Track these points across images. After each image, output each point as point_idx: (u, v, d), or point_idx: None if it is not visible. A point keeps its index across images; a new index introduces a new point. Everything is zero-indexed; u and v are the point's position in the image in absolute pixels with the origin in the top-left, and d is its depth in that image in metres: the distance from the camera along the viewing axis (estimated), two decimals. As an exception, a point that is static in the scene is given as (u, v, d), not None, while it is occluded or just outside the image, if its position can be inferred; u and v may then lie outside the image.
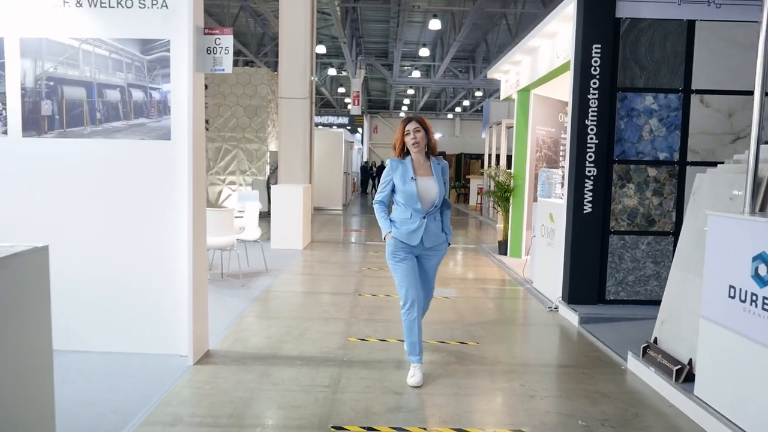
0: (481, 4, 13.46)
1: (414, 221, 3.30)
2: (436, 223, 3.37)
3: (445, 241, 3.45)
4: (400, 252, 3.33)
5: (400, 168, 3.33)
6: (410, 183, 3.28)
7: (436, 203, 3.32)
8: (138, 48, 3.45)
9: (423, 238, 3.30)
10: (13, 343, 1.87)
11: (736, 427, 2.63)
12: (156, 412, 2.84)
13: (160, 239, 3.50)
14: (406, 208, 3.32)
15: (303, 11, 10.19)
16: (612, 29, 4.67)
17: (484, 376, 3.47)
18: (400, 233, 3.32)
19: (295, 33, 10.22)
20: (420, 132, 3.32)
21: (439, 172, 3.36)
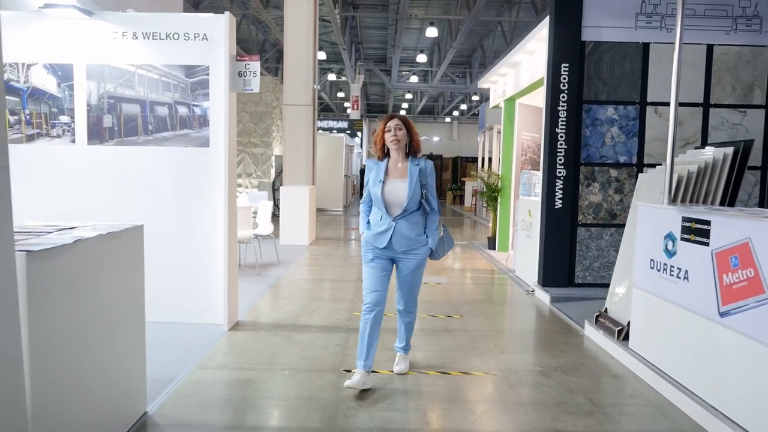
0: (476, 13, 14.28)
1: (383, 224, 3.28)
2: (412, 226, 3.29)
3: (425, 244, 3.35)
4: (369, 253, 3.35)
5: (375, 169, 3.34)
6: (377, 186, 3.27)
7: (407, 207, 3.25)
8: (183, 72, 4.31)
9: (393, 241, 3.26)
10: (126, 293, 2.70)
11: (657, 368, 3.47)
12: (205, 362, 3.68)
13: (201, 229, 4.34)
14: (377, 209, 3.34)
15: (306, 24, 11.04)
16: (578, 51, 5.54)
17: (465, 339, 4.32)
18: (369, 235, 3.34)
19: (298, 44, 11.06)
20: (401, 130, 3.28)
21: (416, 174, 3.26)
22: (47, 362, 2.05)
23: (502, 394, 3.30)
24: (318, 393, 3.24)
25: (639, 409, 3.14)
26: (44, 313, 2.02)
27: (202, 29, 4.25)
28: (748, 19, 5.55)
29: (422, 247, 3.35)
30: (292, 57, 11.15)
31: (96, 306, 2.42)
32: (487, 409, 3.10)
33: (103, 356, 2.50)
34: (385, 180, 3.29)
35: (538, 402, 3.21)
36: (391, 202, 3.27)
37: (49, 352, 2.06)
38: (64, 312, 2.16)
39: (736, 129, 5.64)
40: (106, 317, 2.51)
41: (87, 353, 2.35)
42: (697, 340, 3.08)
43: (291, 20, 11.06)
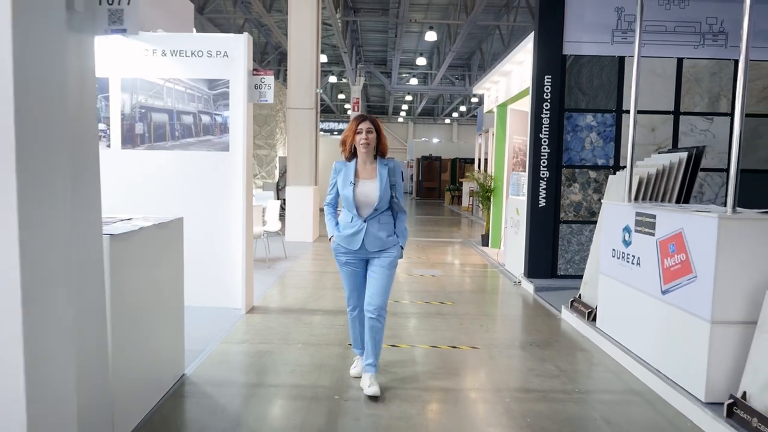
0: (474, 18, 14.87)
1: (354, 225, 3.32)
2: (382, 226, 3.34)
3: (396, 244, 3.40)
4: (342, 256, 3.41)
5: (343, 171, 3.37)
6: (348, 187, 3.30)
7: (377, 207, 3.30)
8: (206, 85, 4.93)
9: (365, 242, 3.31)
10: (170, 274, 3.31)
11: (617, 342, 4.09)
12: (228, 338, 4.30)
13: (222, 224, 4.96)
14: (347, 211, 3.37)
15: (309, 31, 11.66)
16: (560, 63, 6.16)
17: (455, 321, 4.94)
18: (340, 237, 3.36)
19: (302, 51, 11.67)
20: (372, 133, 3.31)
21: (385, 174, 3.32)
22: (121, 323, 2.66)
23: (482, 363, 3.92)
24: (327, 361, 3.86)
25: (598, 374, 3.76)
26: (120, 284, 2.63)
27: (223, 47, 4.87)
28: (714, 34, 6.17)
29: (394, 247, 3.38)
30: (296, 63, 11.77)
31: (151, 283, 3.04)
32: (469, 374, 3.72)
33: (155, 325, 3.11)
34: (356, 181, 3.31)
35: (513, 368, 3.83)
36: (362, 203, 3.31)
37: (122, 316, 2.68)
38: (131, 284, 2.77)
39: (704, 134, 6.26)
40: (157, 293, 3.13)
41: (145, 321, 2.97)
42: (646, 315, 3.70)
43: (295, 27, 11.69)
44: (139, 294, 2.88)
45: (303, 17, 11.55)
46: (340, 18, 17.37)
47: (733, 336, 3.03)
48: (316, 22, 12.09)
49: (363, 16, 19.25)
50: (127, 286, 2.71)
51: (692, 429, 2.97)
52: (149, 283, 3.00)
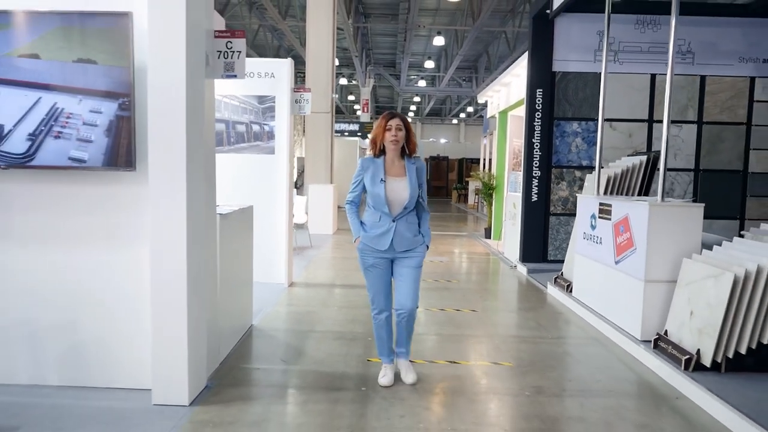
0: (480, 23, 16.01)
1: (383, 225, 3.29)
2: (409, 225, 3.34)
3: (422, 243, 3.42)
4: (369, 257, 3.36)
5: (371, 168, 3.32)
6: (379, 185, 3.26)
7: (407, 206, 3.30)
8: (256, 100, 6.18)
9: (393, 242, 3.29)
10: (246, 248, 4.54)
11: (585, 305, 5.28)
12: (278, 303, 5.53)
13: (268, 214, 6.19)
14: (375, 210, 3.32)
15: (326, 42, 12.89)
16: (550, 79, 7.36)
17: (459, 294, 6.15)
18: (368, 237, 3.32)
19: (319, 60, 12.90)
20: (401, 131, 3.29)
21: (414, 173, 3.33)
22: (225, 281, 3.89)
23: (480, 320, 5.13)
24: (358, 317, 5.08)
25: (568, 327, 4.97)
26: (224, 251, 3.86)
27: (270, 69, 6.11)
28: (683, 54, 7.35)
29: (420, 246, 3.40)
30: (314, 71, 13.01)
31: (238, 253, 4.27)
32: (470, 326, 4.93)
33: (238, 285, 4.35)
34: (386, 179, 3.29)
35: (503, 323, 5.05)
36: (393, 202, 3.28)
37: (225, 275, 3.91)
38: (231, 253, 4.01)
39: (675, 139, 7.44)
40: (242, 261, 4.37)
41: (235, 280, 4.20)
42: (605, 281, 4.91)
43: (313, 38, 12.93)
44: (231, 260, 4.11)
45: (320, 28, 12.80)
46: (352, 24, 18.59)
47: (660, 291, 4.23)
48: (332, 33, 13.33)
49: (373, 22, 20.44)
50: (228, 251, 3.95)
51: (629, 358, 4.17)
52: (236, 253, 4.24)
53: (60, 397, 3.23)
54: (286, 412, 3.20)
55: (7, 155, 2.89)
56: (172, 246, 3.11)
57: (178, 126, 3.06)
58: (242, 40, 3.53)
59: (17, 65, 2.83)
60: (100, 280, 3.32)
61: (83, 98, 2.85)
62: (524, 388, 3.57)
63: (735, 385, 3.40)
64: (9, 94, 2.84)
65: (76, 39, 2.90)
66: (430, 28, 19.69)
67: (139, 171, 3.17)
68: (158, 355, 3.17)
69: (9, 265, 3.31)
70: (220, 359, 3.86)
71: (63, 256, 3.31)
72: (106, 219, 3.28)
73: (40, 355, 3.39)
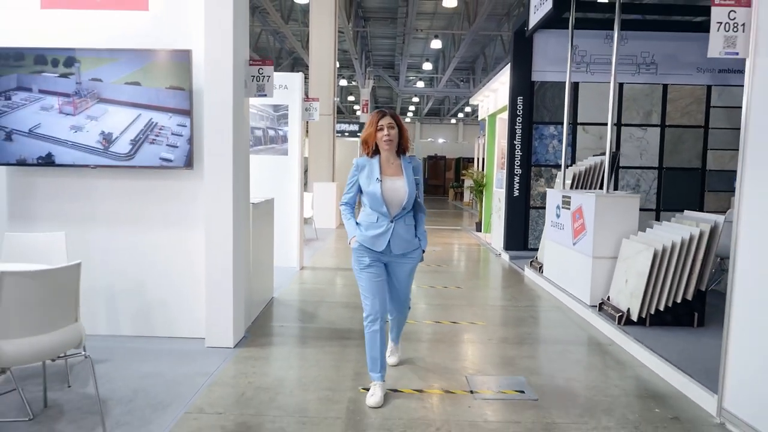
0: (476, 27, 17.04)
1: (380, 225, 3.24)
2: (407, 227, 3.30)
3: (419, 247, 3.37)
4: (365, 258, 3.29)
5: (367, 167, 3.27)
6: (375, 184, 3.21)
7: (405, 206, 3.25)
8: (272, 109, 7.27)
9: (390, 243, 3.25)
10: (268, 233, 5.63)
11: (551, 281, 6.37)
12: (292, 282, 6.63)
13: (282, 207, 7.27)
14: (372, 211, 3.27)
15: (328, 49, 13.96)
16: (529, 88, 8.45)
17: (448, 275, 7.25)
18: (365, 238, 3.26)
19: (321, 66, 13.96)
20: (394, 129, 3.23)
21: (411, 172, 3.28)
22: (254, 259, 4.98)
23: (464, 295, 6.23)
24: (362, 292, 6.18)
25: (535, 299, 6.07)
26: (254, 234, 4.94)
27: (284, 82, 7.21)
28: (647, 65, 8.44)
29: (416, 251, 3.37)
30: (316, 76, 14.09)
31: (263, 236, 5.36)
32: (454, 298, 6.03)
33: (264, 263, 5.43)
34: (382, 178, 3.24)
35: (483, 296, 6.16)
36: (390, 201, 3.23)
37: (255, 254, 4.99)
38: (258, 236, 5.09)
39: (640, 141, 8.54)
40: (265, 244, 5.46)
41: (261, 259, 5.29)
42: (564, 259, 6.00)
43: (315, 45, 14.01)
44: (258, 242, 5.21)
45: (323, 37, 13.89)
46: (352, 28, 19.66)
47: (605, 266, 5.33)
48: (334, 40, 14.40)
49: (373, 25, 21.50)
50: (254, 237, 5.04)
51: (579, 319, 5.27)
52: (261, 236, 5.33)
53: (133, 343, 4.32)
54: (306, 352, 4.29)
55: (115, 154, 4.00)
56: (222, 229, 4.21)
57: (227, 134, 4.16)
58: (270, 67, 4.62)
59: (123, 90, 3.94)
60: (164, 255, 4.41)
61: (173, 115, 3.96)
62: (492, 338, 4.67)
63: (653, 334, 4.50)
64: (117, 111, 3.95)
65: (165, 70, 4.01)
66: (427, 31, 20.74)
67: (196, 170, 4.26)
68: (210, 312, 4.27)
69: (93, 243, 4.40)
70: (252, 319, 4.96)
71: (134, 236, 4.40)
72: (169, 207, 4.38)
73: (117, 312, 4.48)
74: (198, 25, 4.17)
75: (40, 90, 3.90)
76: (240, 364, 3.94)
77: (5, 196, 4.38)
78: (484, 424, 3.11)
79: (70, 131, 3.94)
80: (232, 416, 3.13)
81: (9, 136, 3.94)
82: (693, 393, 3.50)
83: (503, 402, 3.42)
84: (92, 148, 3.99)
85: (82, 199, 4.37)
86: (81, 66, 3.93)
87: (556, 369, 4.02)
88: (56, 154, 4.00)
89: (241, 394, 3.42)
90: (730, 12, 3.04)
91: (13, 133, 3.94)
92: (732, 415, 3.08)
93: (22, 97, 3.91)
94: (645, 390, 3.64)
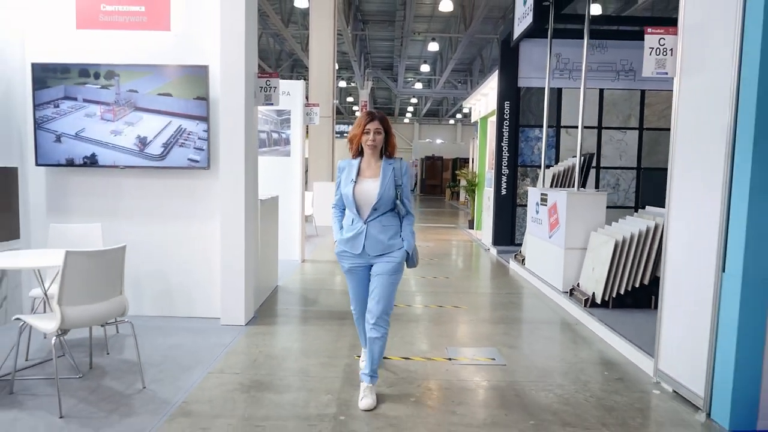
0: (473, 30, 17.65)
1: (355, 227, 3.27)
2: (384, 228, 3.27)
3: (400, 248, 3.31)
4: (345, 261, 3.37)
5: (347, 169, 3.33)
6: (348, 185, 3.25)
7: (376, 207, 3.23)
8: (275, 113, 7.93)
9: (365, 245, 3.25)
10: (271, 233, 6.28)
11: (531, 271, 7.03)
12: (294, 273, 7.29)
13: (285, 204, 7.93)
14: (349, 212, 3.33)
15: (327, 53, 14.62)
16: (515, 93, 9.12)
17: (437, 268, 7.92)
18: (342, 240, 3.33)
19: (321, 70, 14.62)
20: (380, 134, 3.26)
21: (389, 174, 3.26)
22: (262, 250, 5.64)
23: (452, 284, 6.89)
24: (358, 281, 6.84)
25: (516, 287, 6.73)
26: (262, 228, 5.60)
27: (287, 89, 7.87)
28: (626, 71, 9.11)
29: (398, 251, 3.31)
30: (317, 79, 14.75)
31: (269, 230, 6.02)
32: (442, 287, 6.69)
33: (270, 254, 6.09)
34: (357, 180, 3.27)
35: (469, 285, 6.83)
36: (361, 203, 3.25)
37: (262, 245, 5.65)
38: (265, 230, 5.75)
39: (619, 142, 9.20)
40: (271, 235, 6.12)
41: (267, 250, 5.95)
42: (542, 251, 6.67)
43: (315, 50, 14.68)
44: (265, 235, 5.87)
45: (322, 42, 14.54)
46: (351, 31, 20.31)
47: (576, 256, 5.99)
48: (333, 44, 15.06)
49: (371, 28, 22.13)
50: (262, 230, 5.70)
51: (553, 304, 5.93)
52: (268, 230, 5.99)
53: (156, 321, 4.98)
54: (308, 329, 4.95)
55: (150, 155, 4.68)
56: (235, 222, 4.87)
57: (239, 138, 4.82)
58: (277, 78, 5.28)
59: (156, 99, 4.62)
60: (183, 245, 5.07)
61: (199, 122, 4.64)
62: (472, 319, 5.34)
63: (614, 315, 5.16)
64: (151, 118, 4.63)
65: (191, 83, 4.69)
66: (425, 34, 21.37)
67: (212, 169, 4.92)
68: (225, 294, 4.93)
69: (121, 234, 5.05)
70: (260, 302, 5.63)
71: (157, 228, 5.06)
72: (188, 203, 5.04)
73: (141, 294, 5.13)
74: (213, 42, 4.83)
75: (84, 99, 4.60)
76: (251, 338, 4.61)
77: (44, 193, 5.05)
78: (458, 381, 3.78)
79: (111, 135, 4.63)
80: (247, 375, 3.79)
81: (59, 138, 4.63)
82: (638, 360, 4.16)
83: (476, 366, 4.08)
84: (130, 150, 4.67)
85: (110, 195, 5.03)
86: (120, 79, 4.60)
87: (525, 343, 4.69)
88: (99, 154, 4.69)
89: (253, 360, 4.08)
90: (660, 39, 3.70)
91: (62, 136, 4.63)
92: (665, 374, 3.74)
93: (69, 105, 4.60)
94: (600, 359, 4.30)
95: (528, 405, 3.42)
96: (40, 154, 4.76)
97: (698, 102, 3.49)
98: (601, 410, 3.36)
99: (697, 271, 3.40)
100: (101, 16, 4.89)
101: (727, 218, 3.15)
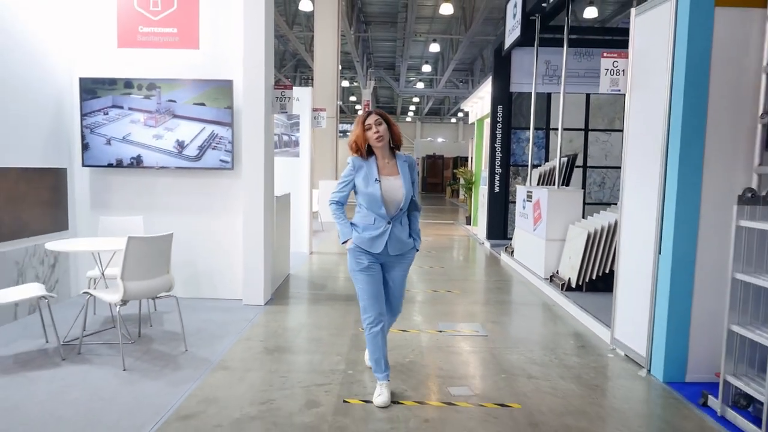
0: (473, 32, 18.36)
1: (378, 227, 3.23)
2: (403, 227, 3.29)
3: (413, 247, 3.37)
4: (363, 260, 3.28)
5: (364, 168, 3.24)
6: (374, 185, 3.19)
7: (402, 206, 3.24)
8: (286, 117, 8.74)
9: (387, 245, 3.24)
10: (284, 226, 7.09)
11: (519, 261, 7.84)
12: (304, 263, 8.11)
13: (294, 201, 8.74)
14: (369, 212, 3.25)
15: (331, 55, 15.40)
16: (508, 98, 9.92)
17: (433, 259, 8.73)
18: (361, 240, 3.25)
19: (325, 71, 15.40)
20: (382, 125, 3.22)
21: (407, 171, 3.27)
22: (277, 241, 6.45)
23: (446, 273, 7.70)
24: (362, 270, 7.67)
25: (505, 276, 7.53)
26: (276, 221, 6.40)
27: (297, 95, 8.67)
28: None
29: (411, 251, 3.38)
30: (321, 81, 15.54)
31: (283, 223, 6.82)
32: (437, 275, 7.49)
33: (283, 245, 6.90)
34: (380, 178, 3.23)
35: (463, 274, 7.64)
36: (389, 202, 3.23)
37: (277, 237, 6.46)
38: (279, 223, 6.56)
39: (605, 143, 9.99)
40: (284, 228, 6.93)
41: (281, 241, 6.75)
42: (528, 243, 7.47)
43: (319, 51, 15.46)
44: (279, 228, 6.68)
45: (326, 44, 15.32)
46: (354, 33, 21.07)
47: (556, 246, 6.79)
48: (337, 46, 15.83)
49: (374, 29, 22.85)
50: (277, 224, 6.51)
51: (535, 289, 6.73)
52: (281, 223, 6.80)
53: (186, 302, 5.77)
54: (319, 308, 5.76)
55: (187, 156, 5.51)
56: (255, 215, 5.68)
57: (259, 142, 5.63)
58: (291, 90, 6.08)
59: (191, 108, 5.45)
60: (210, 235, 5.88)
61: (228, 128, 5.46)
62: (462, 301, 6.15)
63: (586, 297, 5.96)
64: (187, 124, 5.46)
65: (220, 94, 5.51)
66: (426, 35, 22.09)
67: (235, 170, 5.73)
68: (247, 277, 5.74)
69: (156, 225, 5.86)
70: (275, 287, 6.45)
71: (188, 220, 5.87)
72: (215, 198, 5.85)
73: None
74: (236, 60, 5.64)
75: (129, 108, 5.43)
76: (270, 315, 5.43)
77: (88, 191, 5.87)
78: (446, 347, 4.59)
79: (153, 139, 5.47)
80: (271, 342, 4.61)
81: (109, 141, 5.46)
82: (600, 332, 4.97)
83: (462, 336, 4.89)
84: (170, 152, 5.50)
85: (145, 192, 5.85)
86: (160, 90, 5.43)
87: (507, 320, 5.50)
88: (144, 156, 5.52)
89: (274, 331, 4.90)
90: (614, 62, 4.50)
91: (112, 139, 5.46)
92: (618, 341, 4.54)
93: (116, 113, 5.43)
94: (569, 332, 5.11)
95: (501, 363, 4.23)
96: (91, 156, 5.58)
97: (643, 115, 4.29)
98: (561, 368, 4.17)
99: (641, 254, 4.21)
100: (139, 37, 5.71)
101: (662, 210, 3.95)
